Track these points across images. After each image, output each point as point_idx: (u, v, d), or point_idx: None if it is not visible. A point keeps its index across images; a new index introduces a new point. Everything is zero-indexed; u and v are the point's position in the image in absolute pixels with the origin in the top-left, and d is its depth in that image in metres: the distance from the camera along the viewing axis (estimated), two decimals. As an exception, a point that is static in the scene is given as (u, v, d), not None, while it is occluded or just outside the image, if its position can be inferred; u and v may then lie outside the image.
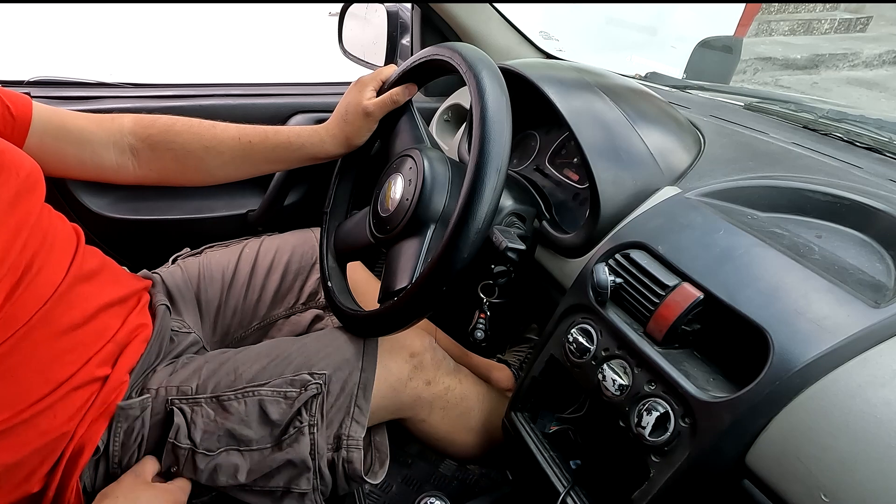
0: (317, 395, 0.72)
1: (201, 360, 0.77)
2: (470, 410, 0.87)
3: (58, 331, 0.65)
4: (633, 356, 0.59)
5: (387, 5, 1.22)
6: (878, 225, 0.61)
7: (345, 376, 0.74)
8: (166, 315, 0.82)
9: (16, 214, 0.61)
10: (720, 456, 0.51)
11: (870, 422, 0.44)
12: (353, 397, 0.74)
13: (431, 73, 0.78)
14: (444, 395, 0.83)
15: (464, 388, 0.86)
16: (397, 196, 0.74)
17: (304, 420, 0.71)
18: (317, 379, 0.73)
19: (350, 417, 0.74)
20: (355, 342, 0.77)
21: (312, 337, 0.79)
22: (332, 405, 0.73)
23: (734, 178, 0.71)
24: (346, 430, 0.73)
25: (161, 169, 0.81)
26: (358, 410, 0.74)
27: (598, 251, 0.69)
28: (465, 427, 0.87)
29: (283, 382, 0.72)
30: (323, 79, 1.28)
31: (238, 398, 0.71)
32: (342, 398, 0.74)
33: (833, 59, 5.13)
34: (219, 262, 0.93)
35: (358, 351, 0.76)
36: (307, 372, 0.73)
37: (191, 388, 0.73)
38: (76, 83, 1.05)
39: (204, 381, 0.73)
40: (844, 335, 0.48)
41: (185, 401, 0.72)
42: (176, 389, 0.73)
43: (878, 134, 0.83)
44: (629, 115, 0.78)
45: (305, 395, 0.72)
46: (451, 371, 0.86)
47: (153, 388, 0.73)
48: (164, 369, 0.76)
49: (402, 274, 0.70)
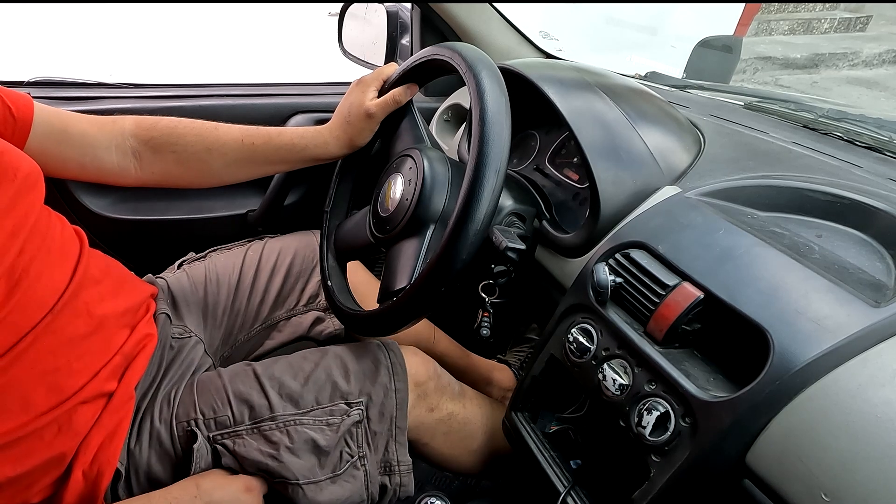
0: (360, 422, 0.73)
1: (219, 382, 0.75)
2: (473, 434, 0.87)
3: (64, 339, 0.64)
4: (633, 356, 0.59)
5: (387, 5, 1.22)
6: (879, 224, 0.61)
7: (380, 400, 0.75)
8: (167, 323, 0.82)
9: (13, 216, 0.60)
10: (720, 455, 0.51)
11: (870, 421, 0.44)
12: (392, 420, 0.75)
13: (431, 73, 0.77)
14: (447, 421, 0.84)
15: (467, 413, 0.86)
16: (397, 196, 0.74)
17: (353, 452, 0.73)
18: (355, 407, 0.74)
19: (394, 440, 0.75)
20: (381, 362, 0.78)
21: (331, 354, 0.78)
22: (376, 433, 0.74)
23: (734, 177, 0.71)
24: (394, 454, 0.75)
25: (163, 171, 0.80)
26: (399, 431, 0.76)
27: (598, 251, 0.69)
28: (468, 450, 0.88)
29: (321, 412, 0.73)
30: (323, 79, 1.28)
31: (280, 430, 0.71)
32: (383, 423, 0.75)
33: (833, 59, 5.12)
34: (224, 266, 0.93)
35: (387, 370, 0.77)
36: (343, 402, 0.74)
37: (227, 417, 0.72)
38: (76, 83, 1.05)
39: (237, 409, 0.72)
40: (845, 335, 0.48)
41: (227, 434, 0.71)
42: (214, 423, 0.71)
43: (878, 133, 0.83)
44: (629, 115, 0.78)
45: (349, 421, 0.73)
46: (454, 396, 0.86)
47: (183, 420, 0.72)
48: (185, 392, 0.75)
49: (402, 274, 0.70)
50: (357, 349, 0.79)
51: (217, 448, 0.70)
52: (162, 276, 0.91)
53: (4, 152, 0.62)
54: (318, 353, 0.79)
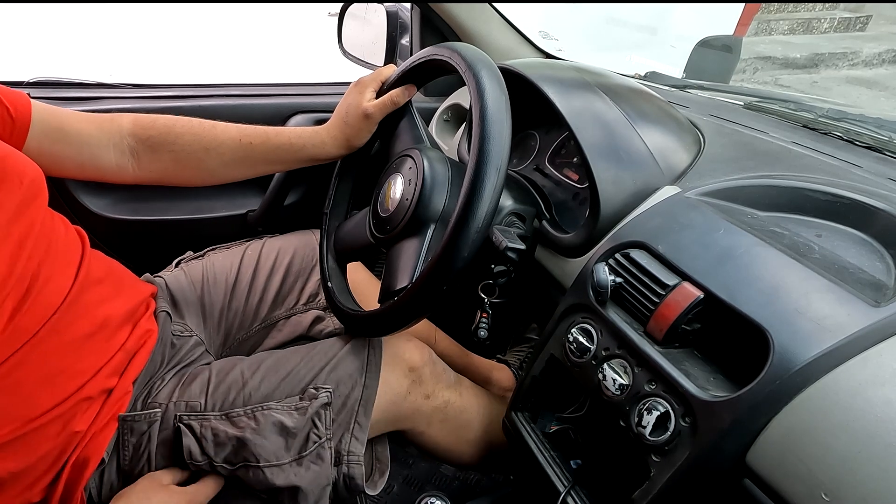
0: (328, 405, 0.73)
1: (207, 373, 0.76)
2: (469, 423, 0.87)
3: (68, 340, 0.64)
4: (633, 356, 0.59)
5: (386, 5, 1.22)
6: (878, 224, 0.61)
7: (347, 391, 0.75)
8: (167, 322, 0.82)
9: (20, 224, 0.60)
10: (721, 455, 0.51)
11: (870, 421, 0.44)
12: (353, 413, 0.75)
13: (431, 73, 0.78)
14: (443, 409, 0.84)
15: (463, 401, 0.87)
16: (397, 196, 0.74)
17: (321, 434, 0.72)
18: (323, 392, 0.74)
19: (350, 433, 0.74)
20: (358, 356, 0.78)
21: (318, 349, 0.79)
22: (334, 420, 0.74)
23: (734, 177, 0.71)
24: (347, 445, 0.74)
25: (161, 170, 0.80)
26: (358, 427, 0.75)
27: (598, 251, 0.69)
28: (465, 439, 0.88)
29: (292, 400, 0.73)
30: (323, 79, 1.28)
31: (248, 415, 0.71)
32: (343, 413, 0.74)
33: (833, 58, 5.12)
34: (222, 264, 0.93)
35: (360, 366, 0.77)
36: (313, 387, 0.74)
37: (199, 403, 0.72)
38: (76, 83, 1.05)
39: (212, 397, 0.73)
40: (845, 334, 0.48)
41: (194, 417, 0.71)
42: (185, 405, 0.72)
43: (878, 133, 0.83)
44: (629, 115, 0.78)
45: (316, 403, 0.72)
46: (451, 384, 0.86)
47: (162, 403, 0.72)
48: (172, 382, 0.76)
49: (402, 274, 0.70)
50: (341, 345, 0.79)
51: (181, 428, 0.70)
52: (160, 276, 0.91)
53: (7, 157, 0.61)
54: (306, 348, 0.80)
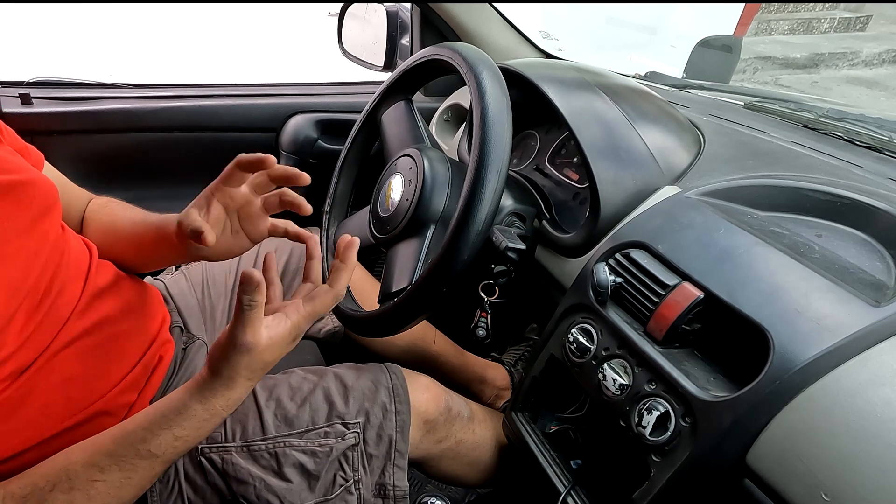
0: (355, 446, 0.71)
1: None
2: (481, 457, 0.87)
3: (80, 352, 0.63)
4: (633, 356, 0.59)
5: (386, 5, 1.22)
6: (879, 224, 0.60)
7: (379, 422, 0.73)
8: (180, 337, 0.82)
9: (34, 236, 0.60)
10: (721, 455, 0.51)
11: (871, 421, 0.44)
12: (392, 442, 0.73)
13: (431, 73, 0.77)
14: (454, 448, 0.83)
15: (476, 438, 0.85)
16: (397, 196, 0.74)
17: (347, 476, 0.71)
18: (352, 429, 0.72)
19: (392, 464, 0.73)
20: (382, 379, 0.76)
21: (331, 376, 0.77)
22: (372, 455, 0.72)
23: (734, 177, 0.71)
24: (391, 478, 0.73)
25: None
26: (398, 455, 0.73)
27: (598, 251, 0.69)
28: (476, 470, 0.87)
29: (315, 435, 0.71)
30: (323, 79, 1.28)
31: (270, 451, 0.69)
32: (381, 446, 0.73)
33: (833, 58, 5.12)
34: (221, 265, 0.93)
35: (387, 391, 0.75)
36: (340, 422, 0.72)
37: (220, 433, 0.70)
38: (76, 83, 1.05)
39: (231, 427, 0.71)
40: (845, 334, 0.48)
41: (215, 449, 0.69)
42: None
43: (878, 133, 0.83)
44: (629, 115, 0.78)
45: (343, 445, 0.71)
46: (464, 424, 0.84)
47: None
48: None
49: (402, 274, 0.70)
50: (357, 369, 0.78)
51: (202, 462, 0.69)
52: (159, 279, 0.90)
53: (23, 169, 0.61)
54: (318, 373, 0.78)
